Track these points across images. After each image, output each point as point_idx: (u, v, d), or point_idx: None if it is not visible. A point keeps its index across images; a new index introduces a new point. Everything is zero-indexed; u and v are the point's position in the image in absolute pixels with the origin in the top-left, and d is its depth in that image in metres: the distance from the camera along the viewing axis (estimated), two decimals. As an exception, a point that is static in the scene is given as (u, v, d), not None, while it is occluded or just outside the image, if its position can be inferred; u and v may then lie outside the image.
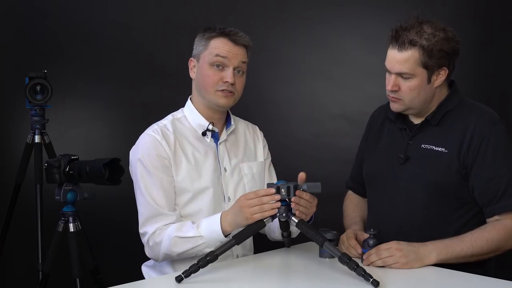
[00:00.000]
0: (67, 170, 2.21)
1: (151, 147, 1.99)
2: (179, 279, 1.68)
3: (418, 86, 1.94)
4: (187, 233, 1.91)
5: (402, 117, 2.08)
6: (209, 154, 2.07)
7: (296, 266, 1.97)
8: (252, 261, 2.03)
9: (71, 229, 2.30)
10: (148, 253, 2.01)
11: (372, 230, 1.88)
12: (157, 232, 1.95)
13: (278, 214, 1.78)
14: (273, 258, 2.02)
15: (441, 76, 1.97)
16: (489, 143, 1.92)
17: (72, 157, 2.23)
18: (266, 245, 2.14)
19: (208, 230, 1.88)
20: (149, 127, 2.07)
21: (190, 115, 2.09)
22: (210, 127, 2.06)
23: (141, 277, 2.13)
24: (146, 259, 2.09)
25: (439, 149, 1.97)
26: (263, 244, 2.17)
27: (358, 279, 1.66)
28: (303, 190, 1.77)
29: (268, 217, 1.78)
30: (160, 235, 1.95)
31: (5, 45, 3.44)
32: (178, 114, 2.12)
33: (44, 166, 2.25)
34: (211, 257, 1.71)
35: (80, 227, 2.34)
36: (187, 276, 1.68)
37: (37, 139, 2.91)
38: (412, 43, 1.90)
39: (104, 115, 3.47)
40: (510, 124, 2.09)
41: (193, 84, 2.11)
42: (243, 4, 3.31)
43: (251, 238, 2.09)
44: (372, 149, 2.17)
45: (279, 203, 1.76)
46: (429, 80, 1.95)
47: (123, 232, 2.80)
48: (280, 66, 3.31)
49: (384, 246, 1.85)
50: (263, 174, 2.20)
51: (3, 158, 3.42)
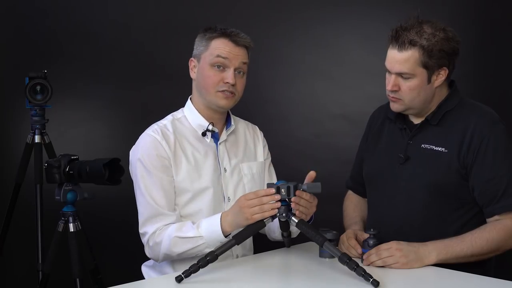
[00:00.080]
0: (67, 170, 2.21)
1: (151, 147, 1.99)
2: (179, 279, 1.68)
3: (418, 86, 1.94)
4: (187, 233, 1.91)
5: (402, 117, 2.08)
6: (209, 154, 2.07)
7: (296, 266, 1.97)
8: (252, 261, 2.03)
9: (71, 229, 2.30)
10: (148, 253, 2.01)
11: (372, 230, 1.88)
12: (157, 232, 1.95)
13: (278, 214, 1.78)
14: (273, 258, 2.02)
15: (441, 76, 1.97)
16: (489, 143, 1.92)
17: (72, 157, 2.24)
18: (266, 245, 2.14)
19: (208, 230, 1.88)
20: (149, 127, 2.07)
21: (190, 115, 2.09)
22: (210, 127, 2.06)
23: (141, 277, 2.13)
24: (146, 259, 2.09)
25: (439, 149, 1.97)
26: (263, 244, 2.17)
27: (358, 279, 1.66)
28: (303, 190, 1.77)
29: (268, 217, 1.78)
30: (160, 235, 1.95)
31: (5, 45, 3.44)
32: (178, 114, 2.12)
33: (44, 166, 2.25)
34: (211, 257, 1.71)
35: (80, 227, 2.34)
36: (187, 276, 1.68)
37: (37, 139, 2.91)
38: (412, 43, 1.90)
39: (104, 115, 3.47)
40: (510, 124, 2.09)
41: (193, 84, 2.11)
42: (243, 4, 3.31)
43: (251, 238, 2.09)
44: (372, 149, 2.17)
45: (279, 203, 1.76)
46: (429, 80, 1.95)
47: (123, 232, 2.80)
48: (280, 66, 3.30)
49: (384, 246, 1.85)
50: (263, 174, 2.20)
51: (3, 158, 3.42)
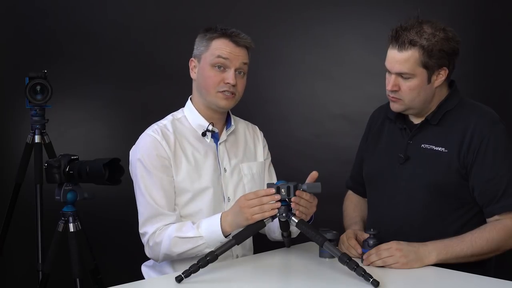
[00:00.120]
0: (67, 170, 2.21)
1: (151, 147, 1.99)
2: (179, 279, 1.68)
3: (418, 86, 1.94)
4: (187, 233, 1.91)
5: (402, 117, 2.08)
6: (209, 154, 2.07)
7: (296, 266, 1.97)
8: (252, 261, 2.03)
9: (71, 229, 2.31)
10: (148, 253, 2.01)
11: (372, 230, 1.88)
12: (157, 232, 1.95)
13: (278, 214, 1.77)
14: (273, 258, 2.02)
15: (441, 76, 1.97)
16: (489, 143, 1.92)
17: (72, 157, 2.24)
18: (266, 245, 2.14)
19: (208, 230, 1.88)
20: (149, 127, 2.07)
21: (190, 115, 2.09)
22: (210, 127, 2.06)
23: (141, 277, 2.13)
24: (146, 259, 2.09)
25: (439, 149, 1.97)
26: (263, 244, 2.17)
27: (358, 279, 1.66)
28: (303, 190, 1.77)
29: (268, 217, 1.78)
30: (160, 235, 1.95)
31: (5, 45, 3.44)
32: (178, 114, 2.12)
33: (44, 166, 2.25)
34: (211, 257, 1.71)
35: (80, 227, 2.34)
36: (187, 276, 1.68)
37: (37, 139, 2.91)
38: (412, 43, 1.90)
39: (104, 115, 3.47)
40: (510, 124, 2.09)
41: (193, 85, 2.11)
42: (243, 4, 3.31)
43: (251, 238, 2.09)
44: (372, 149, 2.17)
45: (279, 203, 1.76)
46: (429, 80, 1.95)
47: (123, 232, 2.80)
48: (280, 66, 3.30)
49: (384, 246, 1.85)
50: (262, 174, 2.20)
51: (3, 158, 3.42)
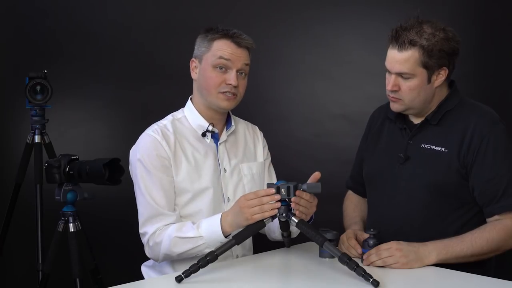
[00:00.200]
0: (67, 170, 2.21)
1: (151, 147, 1.99)
2: (179, 279, 1.68)
3: (418, 86, 1.94)
4: (187, 233, 1.91)
5: (402, 117, 2.08)
6: (209, 154, 2.06)
7: (296, 266, 1.97)
8: (252, 261, 2.03)
9: (71, 229, 2.31)
10: (148, 253, 2.01)
11: (372, 230, 1.88)
12: (157, 232, 1.95)
13: (278, 214, 1.77)
14: (273, 258, 2.02)
15: (441, 76, 1.97)
16: (489, 143, 1.92)
17: (72, 157, 2.24)
18: (266, 245, 2.14)
19: (208, 230, 1.88)
20: (149, 127, 2.07)
21: (190, 116, 2.09)
22: (210, 128, 2.06)
23: (141, 277, 2.13)
24: (146, 259, 2.09)
25: (439, 148, 1.97)
26: (263, 244, 2.17)
27: (358, 279, 1.66)
28: (303, 190, 1.77)
29: (268, 217, 1.78)
30: (160, 235, 1.95)
31: (5, 45, 3.44)
32: (178, 114, 2.12)
33: (44, 166, 2.25)
34: (211, 257, 1.71)
35: (80, 227, 2.34)
36: (187, 276, 1.68)
37: (37, 139, 2.91)
38: (412, 43, 1.90)
39: (104, 115, 3.47)
40: (510, 124, 2.09)
41: (194, 85, 2.10)
42: (243, 4, 3.31)
43: (251, 238, 2.09)
44: (372, 149, 2.17)
45: (279, 203, 1.76)
46: (429, 80, 1.95)
47: (123, 232, 2.80)
48: (280, 66, 3.30)
49: (384, 246, 1.85)
50: (262, 174, 2.20)
51: (3, 158, 3.42)
